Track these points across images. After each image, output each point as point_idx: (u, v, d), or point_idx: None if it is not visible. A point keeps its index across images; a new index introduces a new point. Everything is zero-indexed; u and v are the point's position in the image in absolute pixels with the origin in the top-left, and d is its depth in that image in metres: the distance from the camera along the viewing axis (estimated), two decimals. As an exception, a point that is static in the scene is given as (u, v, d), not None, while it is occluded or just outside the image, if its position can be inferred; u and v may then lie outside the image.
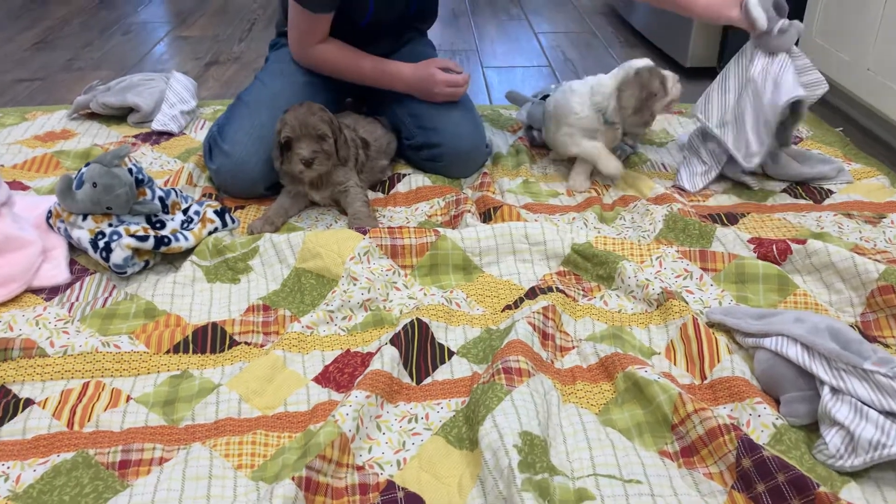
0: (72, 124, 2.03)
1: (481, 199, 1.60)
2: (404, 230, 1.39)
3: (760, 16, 1.55)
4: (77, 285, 1.35)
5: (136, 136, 1.96)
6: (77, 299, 1.31)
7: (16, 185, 1.68)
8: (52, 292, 1.33)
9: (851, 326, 1.23)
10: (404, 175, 1.73)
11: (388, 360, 1.10)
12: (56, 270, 1.37)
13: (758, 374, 1.10)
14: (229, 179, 1.62)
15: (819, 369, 1.02)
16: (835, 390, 1.00)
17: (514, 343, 1.11)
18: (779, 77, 1.57)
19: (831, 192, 1.68)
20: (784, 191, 1.69)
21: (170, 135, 1.98)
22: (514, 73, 2.54)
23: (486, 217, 1.54)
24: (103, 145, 1.90)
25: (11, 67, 2.54)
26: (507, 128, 2.04)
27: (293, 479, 0.89)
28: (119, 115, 2.05)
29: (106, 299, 1.30)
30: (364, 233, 1.38)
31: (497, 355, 1.11)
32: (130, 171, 1.43)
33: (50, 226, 1.45)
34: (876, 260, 1.38)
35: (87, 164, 1.42)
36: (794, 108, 1.63)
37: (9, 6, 3.29)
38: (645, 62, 1.64)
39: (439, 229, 1.40)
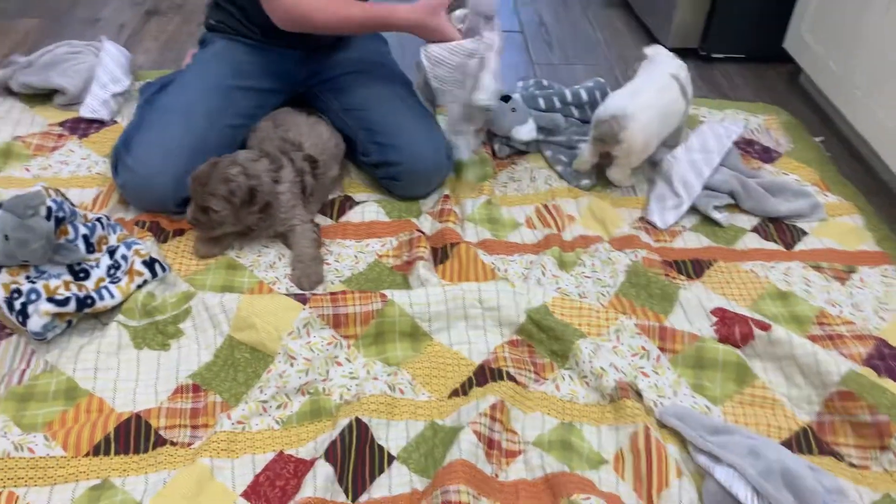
0: (-10, 104, 1.84)
1: (439, 233, 1.50)
2: (348, 296, 1.29)
3: None
4: (-8, 349, 1.25)
5: (62, 124, 1.79)
6: (-8, 369, 1.21)
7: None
8: (-37, 358, 1.23)
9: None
10: (357, 202, 1.60)
11: (321, 483, 1.04)
12: (-33, 330, 1.26)
13: (706, 506, 1.07)
14: (134, 196, 1.52)
15: (768, 520, 0.99)
16: (782, 546, 0.97)
17: (457, 466, 1.06)
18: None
19: (804, 233, 1.61)
20: (754, 229, 1.61)
21: (101, 123, 1.80)
22: (483, 39, 2.34)
23: (443, 254, 1.45)
24: (24, 138, 1.72)
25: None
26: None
27: None
28: (43, 95, 1.86)
29: (23, 372, 1.21)
30: (304, 301, 1.28)
31: (438, 479, 1.05)
32: (49, 209, 1.29)
33: (-39, 271, 1.32)
34: (840, 335, 1.34)
35: (-5, 205, 1.28)
36: None
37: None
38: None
39: (386, 293, 1.31)
